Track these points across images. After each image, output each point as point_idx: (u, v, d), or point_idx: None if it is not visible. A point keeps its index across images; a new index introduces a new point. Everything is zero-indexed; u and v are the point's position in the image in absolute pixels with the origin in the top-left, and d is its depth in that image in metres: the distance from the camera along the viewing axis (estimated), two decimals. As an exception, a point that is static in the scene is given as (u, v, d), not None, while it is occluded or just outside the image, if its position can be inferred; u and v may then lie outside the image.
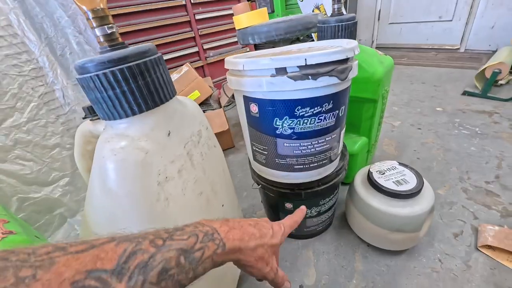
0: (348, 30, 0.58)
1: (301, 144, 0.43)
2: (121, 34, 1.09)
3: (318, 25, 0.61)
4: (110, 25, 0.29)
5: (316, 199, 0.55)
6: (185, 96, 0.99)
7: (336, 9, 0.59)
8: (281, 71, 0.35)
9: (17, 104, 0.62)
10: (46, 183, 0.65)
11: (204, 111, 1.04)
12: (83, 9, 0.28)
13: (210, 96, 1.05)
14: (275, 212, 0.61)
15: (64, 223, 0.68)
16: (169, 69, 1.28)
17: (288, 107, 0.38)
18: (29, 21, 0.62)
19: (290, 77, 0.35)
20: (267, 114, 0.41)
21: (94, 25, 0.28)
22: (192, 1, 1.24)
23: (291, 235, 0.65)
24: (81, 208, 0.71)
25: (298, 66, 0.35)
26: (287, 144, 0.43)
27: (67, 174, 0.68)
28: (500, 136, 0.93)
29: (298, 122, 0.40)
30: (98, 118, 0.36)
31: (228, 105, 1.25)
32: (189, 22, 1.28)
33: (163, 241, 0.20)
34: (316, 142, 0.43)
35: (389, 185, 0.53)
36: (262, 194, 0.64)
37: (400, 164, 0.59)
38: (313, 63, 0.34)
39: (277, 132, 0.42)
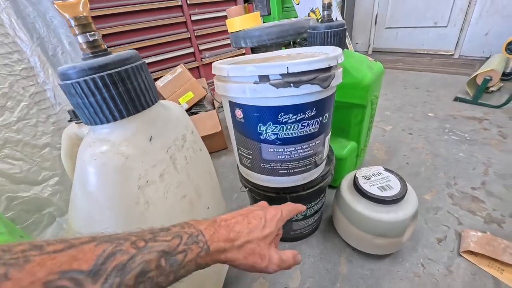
0: (337, 36, 0.59)
1: (285, 149, 0.43)
2: (117, 34, 1.10)
3: (308, 30, 0.62)
4: (92, 33, 0.29)
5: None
6: (178, 97, 1.00)
7: (325, 16, 0.60)
8: (264, 78, 0.36)
9: (8, 103, 0.62)
10: (35, 182, 0.65)
11: (197, 113, 1.05)
12: (66, 17, 0.28)
13: (204, 97, 1.05)
14: (262, 215, 0.62)
15: (53, 222, 0.68)
16: (164, 69, 1.28)
17: (271, 114, 0.39)
18: (21, 21, 0.62)
19: (273, 85, 0.36)
20: (251, 119, 0.41)
21: (77, 32, 0.29)
22: (188, 2, 1.24)
23: (278, 238, 0.66)
24: (70, 207, 0.71)
25: (280, 74, 0.35)
26: (271, 149, 0.44)
27: (57, 173, 0.68)
28: (488, 142, 0.94)
29: (282, 128, 0.41)
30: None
31: (222, 106, 1.25)
32: (185, 22, 1.28)
33: (145, 242, 0.20)
34: (300, 148, 0.44)
35: (374, 190, 0.54)
36: (250, 197, 0.65)
37: (386, 169, 0.60)
38: (295, 71, 0.34)
39: (261, 137, 0.42)
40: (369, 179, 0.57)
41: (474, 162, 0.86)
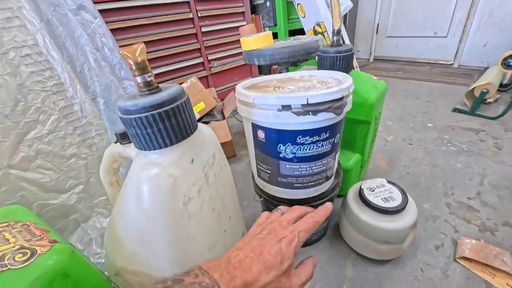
0: (345, 60, 0.64)
1: (301, 166, 0.49)
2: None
3: (318, 53, 0.67)
4: (149, 74, 0.35)
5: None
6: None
7: (335, 41, 0.66)
8: (287, 107, 0.42)
9: (40, 117, 0.67)
10: (63, 191, 0.70)
11: (208, 122, 1.10)
12: (128, 62, 0.34)
13: (214, 107, 1.11)
14: (275, 222, 0.67)
15: (78, 227, 0.73)
16: (174, 79, 1.34)
17: (291, 136, 0.45)
18: (53, 40, 0.68)
19: (294, 113, 0.41)
20: (272, 140, 0.47)
21: (136, 74, 0.34)
22: (199, 15, 1.30)
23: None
24: (93, 214, 0.76)
25: (301, 104, 0.41)
26: (289, 166, 0.49)
27: (81, 182, 0.74)
28: (484, 154, 1.00)
29: (299, 149, 0.46)
30: (129, 143, 0.42)
31: (230, 116, 1.31)
32: (195, 34, 1.34)
33: None
34: (314, 165, 0.49)
35: (378, 201, 0.60)
36: (263, 206, 0.70)
37: (389, 182, 0.65)
38: (314, 102, 0.40)
39: (280, 155, 0.48)
40: (373, 190, 0.63)
41: (471, 173, 0.91)
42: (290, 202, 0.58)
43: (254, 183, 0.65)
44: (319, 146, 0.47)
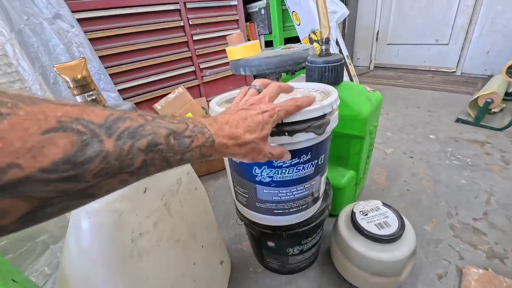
0: (335, 71, 0.59)
1: (280, 191, 0.43)
2: (121, 54, 1.12)
3: (306, 64, 0.62)
4: (90, 92, 0.30)
5: (298, 239, 0.55)
6: (178, 119, 1.01)
7: (323, 50, 0.61)
8: None
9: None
10: (31, 210, 0.65)
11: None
12: (65, 79, 0.29)
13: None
14: (258, 247, 0.61)
15: (46, 250, 0.67)
16: (165, 87, 1.30)
17: None
18: (25, 51, 0.64)
19: None
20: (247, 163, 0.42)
21: (76, 92, 0.29)
22: (190, 23, 1.27)
23: (274, 270, 0.65)
24: (65, 234, 0.71)
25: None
26: (266, 191, 0.44)
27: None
28: (490, 168, 0.93)
29: (277, 172, 0.41)
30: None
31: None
32: (186, 42, 1.31)
33: (152, 118, 0.19)
34: (295, 189, 0.44)
35: (371, 228, 0.53)
36: (246, 230, 0.64)
37: (384, 204, 0.59)
38: (289, 121, 0.35)
39: (257, 179, 0.43)
40: (366, 214, 0.57)
41: (476, 190, 0.84)
42: (272, 229, 0.52)
43: (235, 205, 0.59)
44: (299, 169, 0.41)
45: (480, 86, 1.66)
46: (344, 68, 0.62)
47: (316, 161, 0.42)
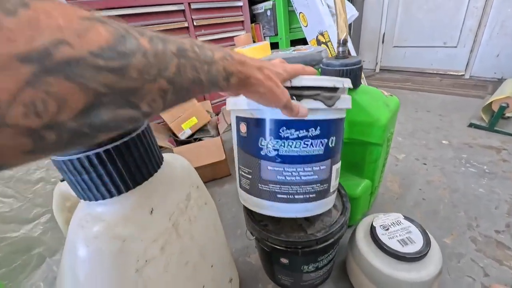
0: (353, 74, 0.56)
1: (285, 169, 0.40)
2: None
3: (321, 66, 0.58)
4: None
5: (314, 256, 0.51)
6: (182, 122, 0.97)
7: (341, 52, 0.57)
8: None
9: (3, 136, 0.59)
10: (26, 221, 0.61)
11: (200, 139, 1.01)
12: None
13: (208, 122, 1.02)
14: (269, 263, 0.57)
15: (42, 263, 0.63)
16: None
17: (273, 127, 0.38)
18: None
19: None
20: (254, 133, 0.40)
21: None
22: (195, 24, 1.23)
23: (285, 287, 0.61)
24: (62, 246, 0.67)
25: (284, 87, 0.33)
26: (271, 168, 0.40)
27: (49, 210, 0.64)
28: (509, 176, 0.89)
29: (283, 144, 0.38)
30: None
31: (226, 131, 1.22)
32: (191, 44, 1.27)
33: (164, 35, 0.18)
34: (302, 169, 0.40)
35: (394, 244, 0.49)
36: (257, 247, 0.60)
37: (406, 218, 0.55)
38: (298, 85, 0.33)
39: (262, 153, 0.40)
40: (387, 229, 0.53)
41: (496, 200, 0.80)
42: (286, 245, 0.48)
43: (244, 211, 0.55)
44: (307, 145, 0.38)
45: (491, 89, 1.62)
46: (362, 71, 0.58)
47: (325, 140, 0.39)
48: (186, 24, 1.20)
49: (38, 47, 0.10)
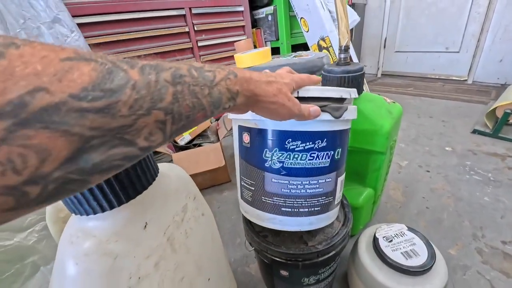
0: (355, 81, 0.54)
1: (290, 182, 0.39)
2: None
3: (323, 73, 0.57)
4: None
5: (315, 269, 0.50)
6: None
7: (342, 59, 0.56)
8: None
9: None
10: (20, 229, 0.60)
11: (200, 144, 1.00)
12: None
13: (208, 127, 1.01)
14: (269, 274, 0.55)
15: (36, 272, 0.62)
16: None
17: (278, 138, 0.36)
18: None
19: None
20: (258, 144, 0.38)
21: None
22: (195, 29, 1.23)
23: (287, 300, 0.59)
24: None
25: None
26: (275, 180, 0.39)
27: (44, 217, 0.63)
28: (514, 185, 0.87)
29: (288, 156, 0.37)
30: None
31: (226, 136, 1.21)
32: (191, 48, 1.27)
33: (158, 62, 0.18)
34: (307, 182, 0.39)
35: (397, 257, 0.47)
36: (257, 258, 0.58)
37: (409, 229, 0.53)
38: (306, 96, 0.32)
39: (266, 165, 0.39)
40: (391, 241, 0.51)
41: (502, 209, 0.78)
42: (286, 258, 0.46)
43: (243, 222, 0.53)
44: (313, 157, 0.37)
45: (494, 95, 1.61)
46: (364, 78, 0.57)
47: (332, 152, 0.38)
48: (187, 29, 1.20)
49: (12, 99, 0.10)
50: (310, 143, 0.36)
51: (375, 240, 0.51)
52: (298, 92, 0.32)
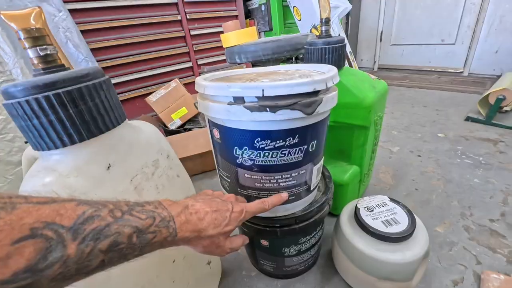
0: (336, 53, 0.55)
1: (263, 177, 0.38)
2: (115, 47, 1.09)
3: (305, 46, 0.58)
4: (43, 46, 0.25)
5: (295, 237, 0.49)
6: (171, 113, 0.96)
7: (324, 31, 0.56)
8: (239, 100, 0.32)
9: (-16, 117, 0.59)
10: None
11: (190, 129, 1.01)
12: (14, 29, 0.24)
13: (199, 113, 1.02)
14: (251, 247, 0.55)
15: None
16: (161, 83, 1.26)
17: (247, 138, 0.35)
18: (6, 33, 0.60)
19: (247, 107, 0.31)
20: (228, 141, 0.37)
21: (26, 45, 0.25)
22: (188, 17, 1.24)
23: (269, 274, 0.59)
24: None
25: (256, 97, 0.31)
26: (248, 176, 0.39)
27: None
28: (505, 167, 0.86)
29: (258, 155, 0.36)
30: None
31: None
32: (184, 37, 1.28)
33: (121, 213, 0.21)
34: (280, 177, 0.39)
35: (377, 225, 0.47)
36: (238, 228, 0.58)
37: (391, 200, 0.53)
38: (272, 94, 0.30)
39: (238, 161, 0.38)
40: (372, 210, 0.51)
41: (491, 190, 0.78)
42: (265, 225, 0.46)
43: None
44: (285, 154, 0.36)
45: (489, 86, 1.59)
46: (346, 52, 0.57)
47: (305, 146, 0.37)
48: (179, 17, 1.21)
49: None
50: (281, 141, 0.34)
51: (356, 210, 0.51)
52: (263, 90, 0.30)
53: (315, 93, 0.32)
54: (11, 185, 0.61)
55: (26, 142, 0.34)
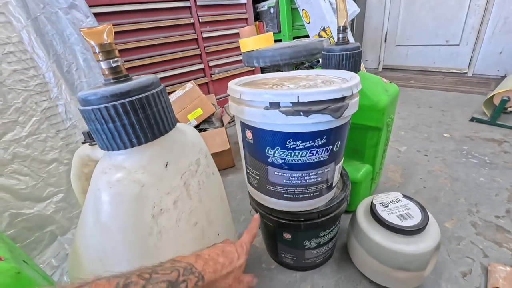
0: (353, 59, 0.58)
1: (292, 174, 0.42)
2: (131, 49, 1.12)
3: (323, 52, 0.61)
4: (115, 59, 0.29)
5: (316, 230, 0.53)
6: (187, 113, 1.00)
7: (341, 38, 0.59)
8: (275, 105, 0.35)
9: (19, 118, 0.62)
10: (40, 199, 0.64)
11: (205, 129, 1.04)
12: (91, 44, 0.28)
13: (213, 114, 1.05)
14: (273, 240, 0.59)
15: (54, 241, 0.66)
16: (173, 84, 1.30)
17: (280, 139, 0.39)
18: (40, 38, 0.64)
19: (282, 112, 0.35)
20: (260, 142, 0.41)
21: (100, 58, 0.28)
22: (200, 20, 1.27)
23: (289, 266, 0.62)
24: (73, 226, 0.70)
25: (291, 102, 0.34)
26: (278, 173, 0.43)
27: (62, 190, 0.67)
28: (510, 167, 0.90)
29: (289, 154, 0.40)
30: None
31: (231, 122, 1.25)
32: (196, 40, 1.31)
33: (149, 275, 0.22)
34: (307, 174, 0.42)
35: (393, 219, 0.51)
36: (260, 222, 0.62)
37: (405, 196, 0.57)
38: (306, 100, 0.34)
39: (269, 160, 0.42)
40: (387, 206, 0.54)
41: (497, 188, 0.81)
42: (290, 219, 0.50)
43: (249, 195, 0.57)
44: (313, 153, 0.40)
45: (494, 86, 1.63)
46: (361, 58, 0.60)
47: (331, 146, 0.41)
48: (192, 21, 1.24)
49: None
50: (310, 142, 0.38)
51: (372, 205, 0.55)
52: (298, 97, 0.33)
53: (343, 99, 0.36)
54: (44, 182, 0.64)
55: (83, 143, 0.37)
